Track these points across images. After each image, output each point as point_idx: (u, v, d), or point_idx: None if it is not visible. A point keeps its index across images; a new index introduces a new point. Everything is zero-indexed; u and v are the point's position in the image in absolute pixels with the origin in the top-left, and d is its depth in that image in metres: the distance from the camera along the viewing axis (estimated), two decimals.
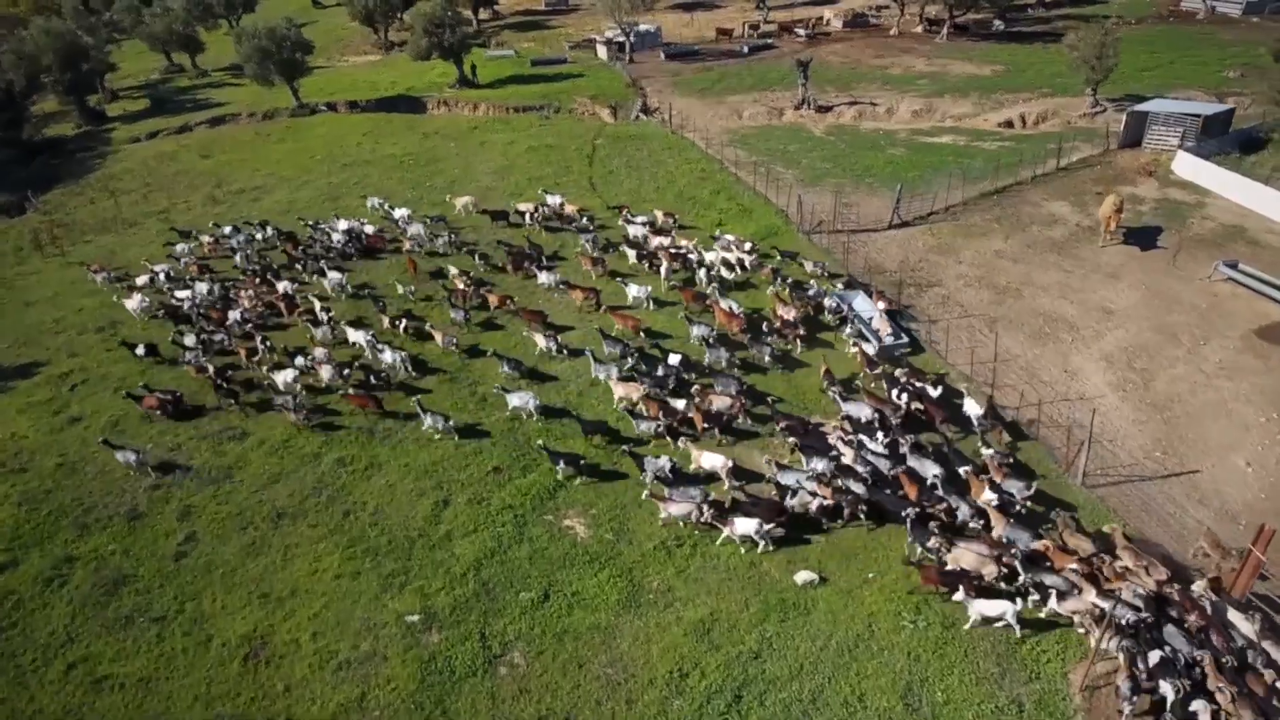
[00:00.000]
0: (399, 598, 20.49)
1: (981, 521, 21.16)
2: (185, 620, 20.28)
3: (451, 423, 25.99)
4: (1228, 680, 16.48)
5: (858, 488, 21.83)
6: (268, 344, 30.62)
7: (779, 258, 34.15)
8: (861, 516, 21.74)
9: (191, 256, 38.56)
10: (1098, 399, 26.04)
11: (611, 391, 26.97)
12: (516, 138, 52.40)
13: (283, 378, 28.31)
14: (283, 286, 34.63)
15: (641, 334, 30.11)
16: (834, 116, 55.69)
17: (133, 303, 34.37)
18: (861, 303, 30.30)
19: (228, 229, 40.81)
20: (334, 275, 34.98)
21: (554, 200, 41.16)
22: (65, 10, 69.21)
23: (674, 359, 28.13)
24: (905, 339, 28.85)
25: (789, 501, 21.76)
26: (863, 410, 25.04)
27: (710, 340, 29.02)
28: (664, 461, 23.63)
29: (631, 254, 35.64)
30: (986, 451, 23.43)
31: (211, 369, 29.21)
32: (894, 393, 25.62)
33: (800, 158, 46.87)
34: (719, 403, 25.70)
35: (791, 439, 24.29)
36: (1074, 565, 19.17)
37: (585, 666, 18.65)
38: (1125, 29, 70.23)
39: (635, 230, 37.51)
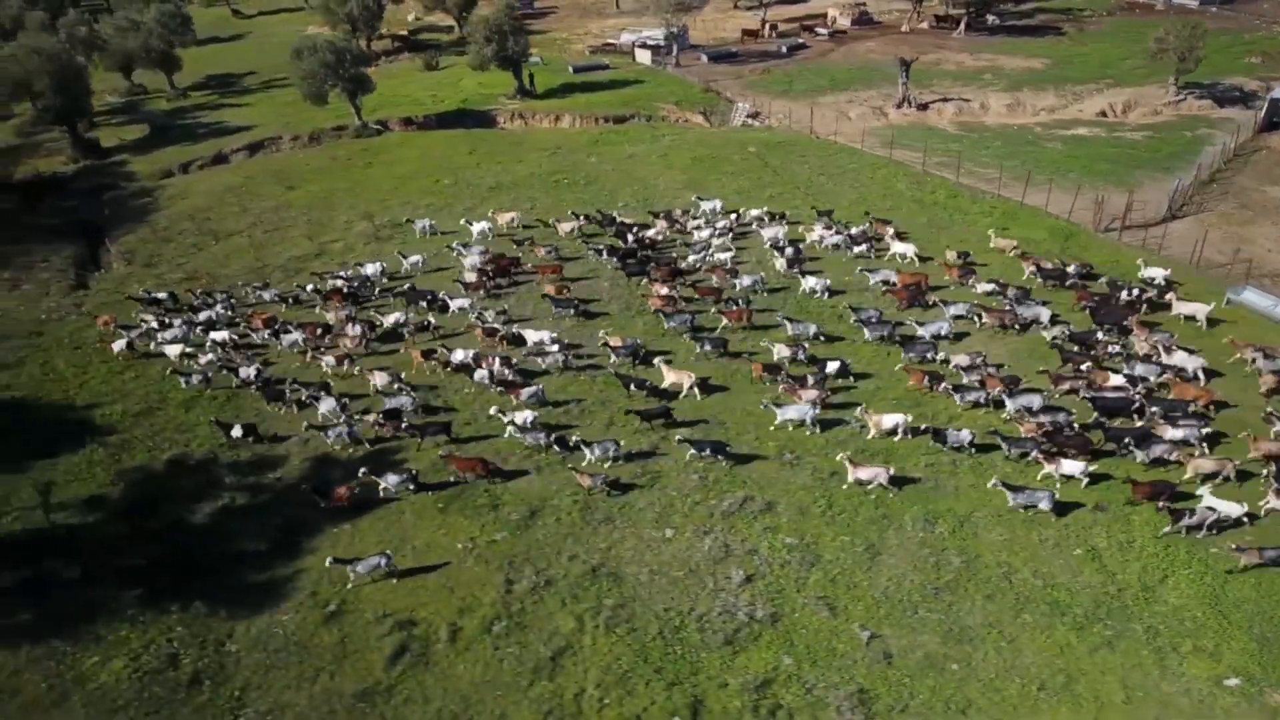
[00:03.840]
0: (1187, 661, 18.82)
1: None
2: None
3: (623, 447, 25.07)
4: None
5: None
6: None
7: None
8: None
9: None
10: None
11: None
12: (667, 150, 49.32)
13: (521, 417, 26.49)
14: (393, 317, 32.96)
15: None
16: (935, 114, 56.70)
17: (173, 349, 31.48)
18: (1254, 295, 31.03)
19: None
20: (459, 301, 33.82)
21: (709, 205, 40.56)
22: (29, 26, 57.56)
23: (832, 365, 28.29)
24: None
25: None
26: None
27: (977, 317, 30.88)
28: (965, 434, 24.93)
29: (780, 262, 35.39)
30: None
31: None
32: None
33: (973, 155, 47.14)
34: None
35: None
36: None
37: None
38: (1109, 21, 76.80)
39: (770, 233, 37.56)
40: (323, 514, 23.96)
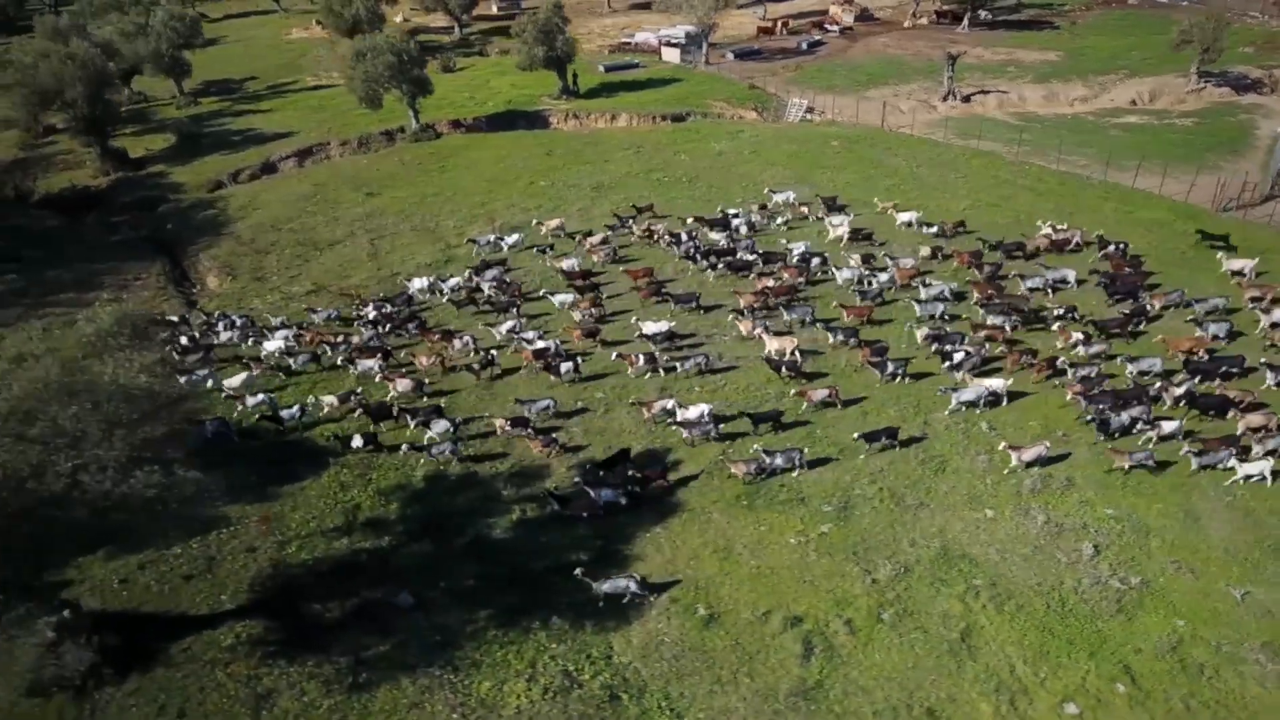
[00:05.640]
0: None
1: None
2: None
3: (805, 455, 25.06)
4: None
5: None
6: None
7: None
8: None
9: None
10: None
11: None
12: (755, 147, 49.40)
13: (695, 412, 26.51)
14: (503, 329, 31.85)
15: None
16: (980, 106, 58.87)
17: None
18: None
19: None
20: (560, 298, 33.60)
21: (781, 197, 41.04)
22: (41, 32, 53.16)
23: (958, 358, 29.46)
24: None
25: None
26: None
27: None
28: (1125, 417, 25.77)
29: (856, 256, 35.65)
30: None
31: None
32: None
33: (1049, 143, 49.02)
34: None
35: None
36: None
37: None
38: (1092, 15, 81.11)
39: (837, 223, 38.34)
40: (634, 520, 23.34)
